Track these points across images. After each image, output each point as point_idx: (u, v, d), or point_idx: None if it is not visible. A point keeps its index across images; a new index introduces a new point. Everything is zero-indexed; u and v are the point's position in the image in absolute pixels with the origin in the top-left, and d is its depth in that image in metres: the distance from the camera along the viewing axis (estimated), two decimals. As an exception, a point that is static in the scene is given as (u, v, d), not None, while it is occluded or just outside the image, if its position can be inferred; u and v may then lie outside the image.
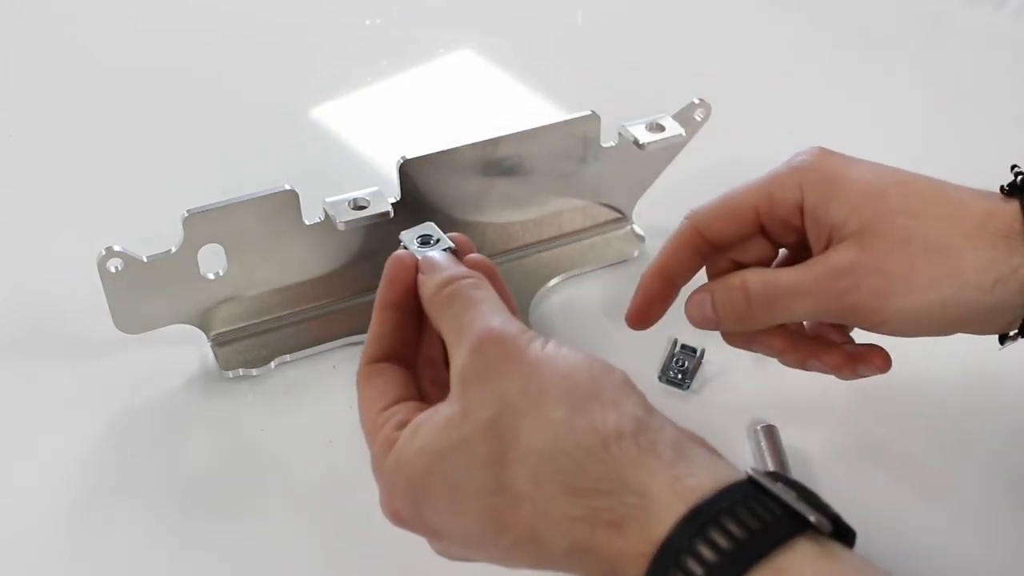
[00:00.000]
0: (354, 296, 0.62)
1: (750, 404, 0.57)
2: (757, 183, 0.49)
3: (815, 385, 0.59)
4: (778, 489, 0.36)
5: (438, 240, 0.47)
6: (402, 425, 0.41)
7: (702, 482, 0.36)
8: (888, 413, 0.57)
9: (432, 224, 0.48)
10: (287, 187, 0.55)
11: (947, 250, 0.44)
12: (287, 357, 0.59)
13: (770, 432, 0.55)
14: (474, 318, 0.41)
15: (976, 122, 0.79)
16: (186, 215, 0.53)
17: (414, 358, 0.46)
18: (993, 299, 0.44)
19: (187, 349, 0.59)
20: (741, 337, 0.52)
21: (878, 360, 0.50)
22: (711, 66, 0.86)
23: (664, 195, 0.67)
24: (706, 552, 0.34)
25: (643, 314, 0.52)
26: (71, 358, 0.60)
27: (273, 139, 0.78)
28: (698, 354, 0.59)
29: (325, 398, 0.58)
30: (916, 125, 0.79)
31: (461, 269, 0.44)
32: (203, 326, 0.59)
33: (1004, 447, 0.55)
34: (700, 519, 0.34)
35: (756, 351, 0.52)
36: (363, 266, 0.61)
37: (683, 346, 0.59)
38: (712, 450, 0.40)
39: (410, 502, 0.40)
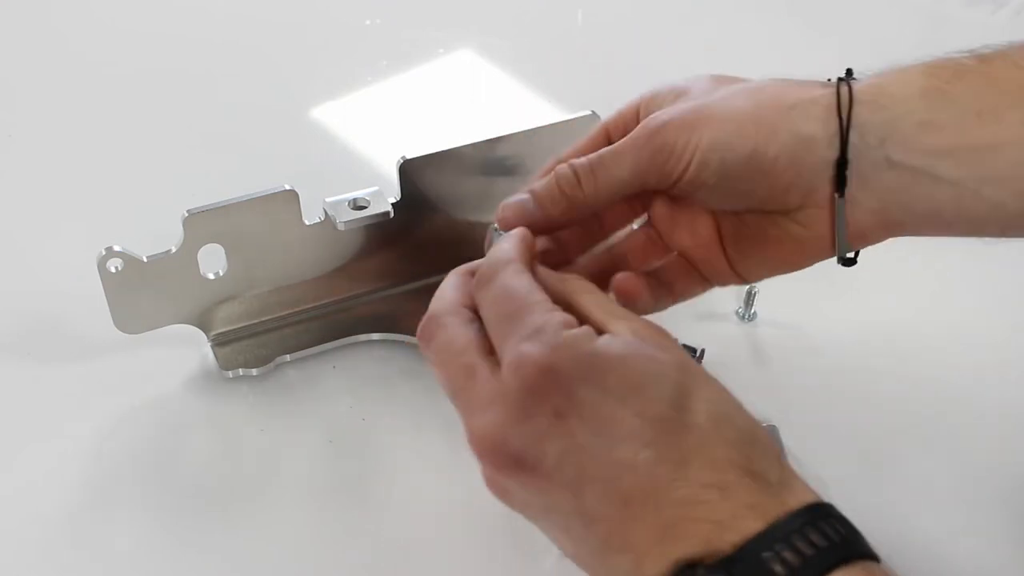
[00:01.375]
0: (354, 296, 0.62)
1: (750, 404, 0.57)
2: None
3: (815, 385, 0.59)
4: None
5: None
6: (570, 324, 0.39)
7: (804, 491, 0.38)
8: (888, 413, 0.57)
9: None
10: (287, 187, 0.55)
11: (752, 86, 0.49)
12: (287, 357, 0.59)
13: (770, 432, 0.55)
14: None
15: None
16: (186, 215, 0.53)
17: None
18: (791, 122, 0.46)
19: (187, 349, 0.59)
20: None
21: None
22: (711, 66, 0.85)
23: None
24: (815, 537, 0.35)
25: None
26: (71, 358, 0.60)
27: (273, 139, 0.78)
28: (698, 354, 0.59)
29: (325, 398, 0.58)
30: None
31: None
32: (203, 326, 0.59)
33: (1006, 448, 0.55)
34: (817, 514, 0.36)
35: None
36: (363, 266, 0.61)
37: (683, 346, 0.59)
38: None
39: (577, 371, 0.38)
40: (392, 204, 0.57)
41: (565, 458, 0.38)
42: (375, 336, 0.60)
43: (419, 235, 0.61)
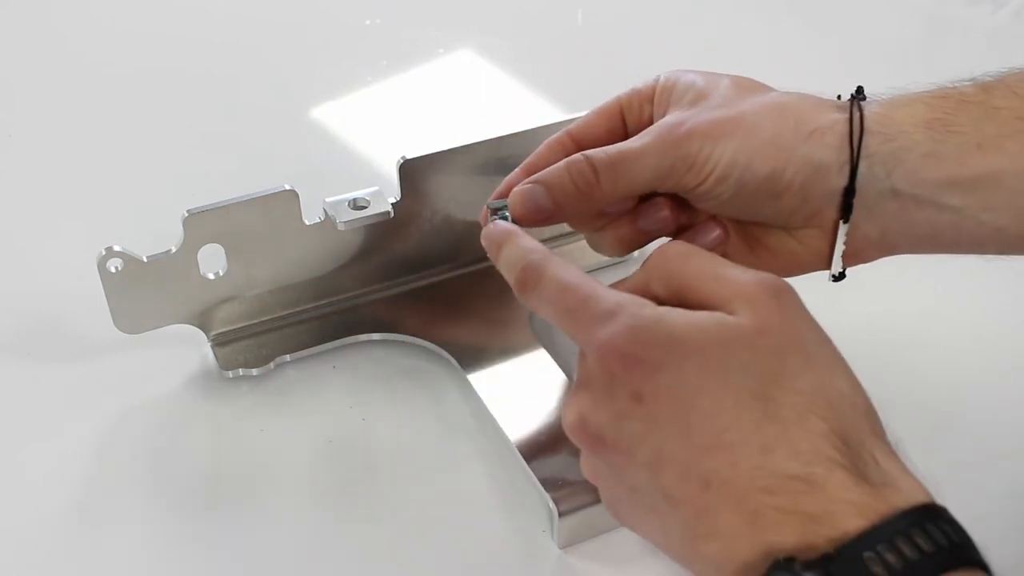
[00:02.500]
0: (354, 296, 0.62)
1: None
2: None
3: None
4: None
5: None
6: (640, 305, 0.39)
7: (916, 489, 0.37)
8: (888, 413, 0.57)
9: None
10: (287, 187, 0.55)
11: (774, 103, 0.48)
12: (287, 357, 0.59)
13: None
14: (728, 270, 0.40)
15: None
16: (186, 215, 0.53)
17: None
18: (809, 148, 0.46)
19: (187, 349, 0.59)
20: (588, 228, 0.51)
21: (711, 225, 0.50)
22: (711, 66, 0.85)
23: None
24: (921, 542, 0.34)
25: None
26: (71, 358, 0.60)
27: (273, 139, 0.78)
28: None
29: (325, 398, 0.58)
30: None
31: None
32: (203, 326, 0.59)
33: (1008, 447, 0.55)
34: (924, 515, 0.35)
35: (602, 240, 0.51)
36: (363, 266, 0.61)
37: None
38: None
39: (656, 353, 0.37)
40: (392, 204, 0.57)
41: (644, 438, 0.38)
42: (375, 336, 0.60)
43: (419, 235, 0.61)
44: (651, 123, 0.50)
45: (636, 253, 0.67)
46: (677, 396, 0.37)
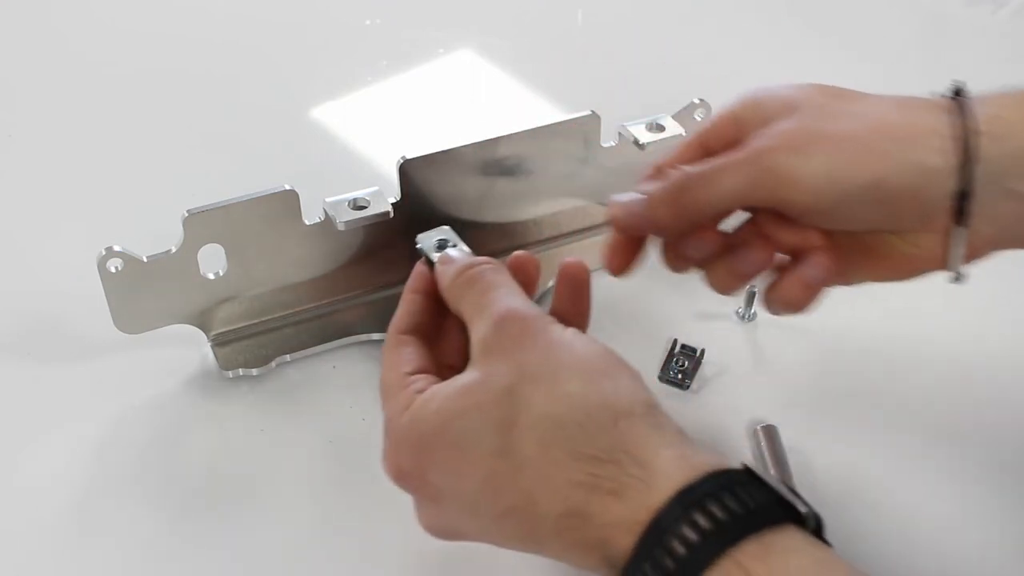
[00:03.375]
0: (354, 296, 0.62)
1: (750, 404, 0.57)
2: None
3: (815, 385, 0.59)
4: (772, 481, 0.38)
5: (455, 244, 0.50)
6: (421, 392, 0.43)
7: (703, 461, 0.38)
8: (889, 413, 0.57)
9: (448, 228, 0.51)
10: (287, 187, 0.55)
11: (867, 113, 0.47)
12: (287, 357, 0.59)
13: (770, 432, 0.54)
14: (495, 298, 0.44)
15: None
16: (186, 215, 0.53)
17: (436, 341, 0.48)
18: (915, 152, 0.45)
19: (187, 349, 0.59)
20: (674, 247, 0.51)
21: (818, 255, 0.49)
22: (711, 66, 0.86)
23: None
24: (701, 520, 0.36)
25: (616, 261, 0.52)
26: (71, 358, 0.60)
27: (273, 139, 0.78)
28: (698, 354, 0.59)
29: (325, 398, 0.58)
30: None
31: (479, 258, 0.47)
32: (203, 326, 0.59)
33: (1009, 446, 0.55)
34: (699, 491, 0.36)
35: (689, 263, 0.51)
36: (363, 266, 0.61)
37: (683, 346, 0.59)
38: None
39: (415, 459, 0.42)
40: (392, 204, 0.57)
41: (447, 517, 0.43)
42: (375, 336, 0.60)
43: (419, 234, 0.61)
44: (735, 143, 0.50)
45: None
46: (447, 489, 0.41)
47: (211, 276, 0.57)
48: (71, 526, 0.52)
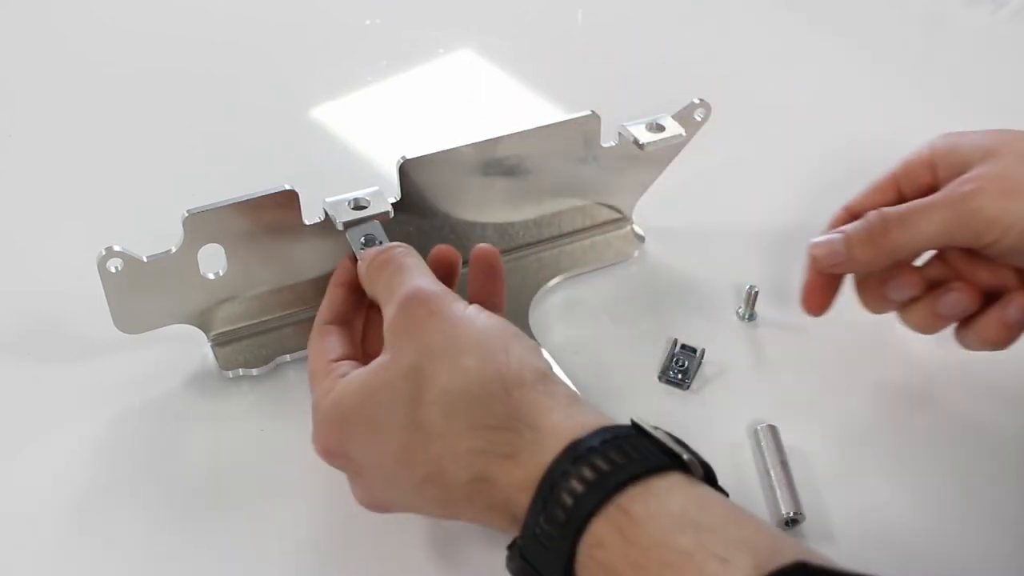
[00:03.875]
0: (354, 296, 0.62)
1: (750, 404, 0.57)
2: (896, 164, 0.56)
3: (815, 385, 0.59)
4: (658, 434, 0.40)
5: (380, 242, 0.52)
6: (344, 376, 0.46)
7: (591, 421, 0.41)
8: (889, 413, 0.57)
9: (378, 224, 0.54)
10: (287, 187, 0.55)
11: None
12: (287, 357, 0.59)
13: (770, 432, 0.55)
14: (403, 280, 0.47)
15: (976, 122, 0.79)
16: (186, 215, 0.53)
17: (359, 328, 0.52)
18: None
19: (187, 349, 0.59)
20: (876, 287, 0.54)
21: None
22: (711, 66, 0.86)
23: (664, 195, 0.67)
24: (587, 472, 0.38)
25: (815, 300, 0.56)
26: (71, 358, 0.60)
27: (273, 139, 0.78)
28: (698, 354, 0.59)
29: (325, 398, 0.58)
30: (916, 125, 0.79)
31: (392, 243, 0.51)
32: (203, 326, 0.59)
33: (1010, 445, 0.55)
34: (584, 446, 0.39)
35: (890, 305, 0.54)
36: (363, 266, 0.61)
37: (683, 346, 0.59)
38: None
39: (339, 437, 0.45)
40: (392, 204, 0.57)
41: (376, 484, 0.46)
42: (375, 336, 0.60)
43: (419, 235, 0.61)
44: (930, 187, 0.53)
45: (636, 252, 0.67)
46: (368, 464, 0.45)
47: (211, 276, 0.57)
48: (71, 526, 0.52)
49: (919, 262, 0.55)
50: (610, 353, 0.60)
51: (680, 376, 0.58)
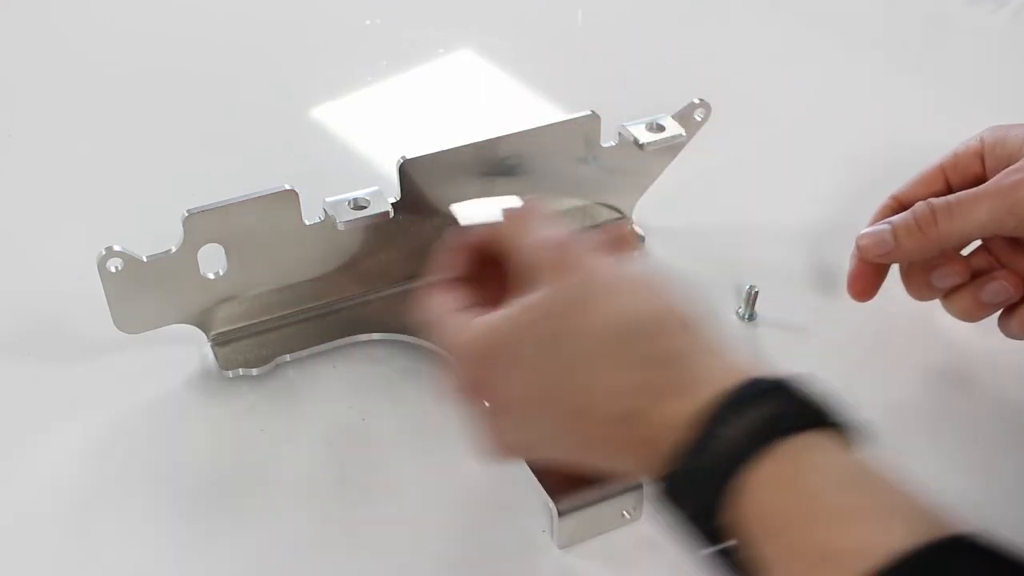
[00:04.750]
0: (354, 296, 0.62)
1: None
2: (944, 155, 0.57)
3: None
4: (824, 393, 0.39)
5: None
6: (477, 318, 0.44)
7: (756, 368, 0.40)
8: (889, 413, 0.57)
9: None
10: (287, 187, 0.55)
11: None
12: (287, 357, 0.59)
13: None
14: (554, 226, 0.45)
15: (976, 122, 0.79)
16: (186, 215, 0.53)
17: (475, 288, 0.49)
18: None
19: (187, 349, 0.59)
20: (921, 275, 0.55)
21: None
22: (711, 66, 0.86)
23: (664, 195, 0.67)
24: (753, 414, 0.37)
25: (861, 287, 0.57)
26: (71, 358, 0.60)
27: (273, 139, 0.78)
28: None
29: (325, 398, 0.58)
30: (917, 125, 0.79)
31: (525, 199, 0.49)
32: (203, 326, 0.59)
33: (1010, 446, 0.55)
34: (755, 388, 0.38)
35: (935, 292, 0.56)
36: (363, 266, 0.61)
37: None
38: None
39: (485, 371, 0.43)
40: (392, 204, 0.57)
41: (517, 422, 0.44)
42: (375, 336, 0.60)
43: (419, 235, 0.61)
44: (978, 179, 0.54)
45: (636, 252, 0.67)
46: (513, 399, 0.43)
47: (211, 276, 0.57)
48: (71, 525, 0.52)
49: (965, 251, 0.56)
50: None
51: (680, 376, 0.58)
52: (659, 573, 0.49)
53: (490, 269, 0.48)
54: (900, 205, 0.56)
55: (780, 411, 0.37)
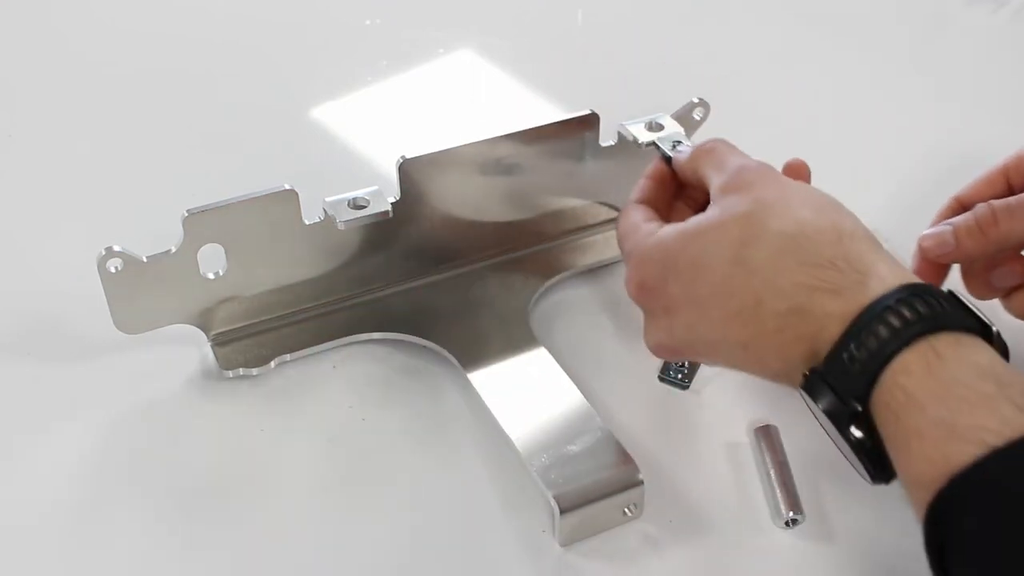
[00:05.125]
0: (354, 296, 0.62)
1: (750, 404, 0.57)
2: (1009, 155, 0.57)
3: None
4: (973, 307, 0.44)
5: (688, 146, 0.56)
6: (651, 233, 0.49)
7: (913, 279, 0.43)
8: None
9: (682, 132, 0.59)
10: (287, 187, 0.55)
11: None
12: (287, 357, 0.59)
13: (770, 432, 0.55)
14: (733, 158, 0.50)
15: (976, 122, 0.79)
16: (186, 215, 0.53)
17: (665, 216, 0.54)
18: None
19: (187, 349, 0.59)
20: (981, 274, 0.56)
21: None
22: (711, 66, 0.86)
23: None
24: (905, 311, 0.41)
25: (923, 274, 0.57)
26: (71, 358, 0.60)
27: (273, 139, 0.78)
28: (698, 354, 0.59)
29: (325, 398, 0.58)
30: (917, 125, 0.79)
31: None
32: (203, 326, 0.59)
33: None
34: (908, 290, 0.42)
35: (995, 292, 0.56)
36: (363, 265, 0.61)
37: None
38: None
39: (660, 272, 0.48)
40: (391, 203, 0.57)
41: (682, 325, 0.48)
42: (375, 335, 0.60)
43: (418, 234, 0.61)
44: None
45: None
46: (684, 296, 0.47)
47: (211, 276, 0.57)
48: (71, 526, 0.52)
49: None
50: (609, 352, 0.60)
51: (680, 376, 0.58)
52: (660, 571, 0.50)
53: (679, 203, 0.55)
54: (961, 207, 0.57)
55: (930, 312, 0.41)
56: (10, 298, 0.64)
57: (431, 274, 0.63)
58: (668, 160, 0.56)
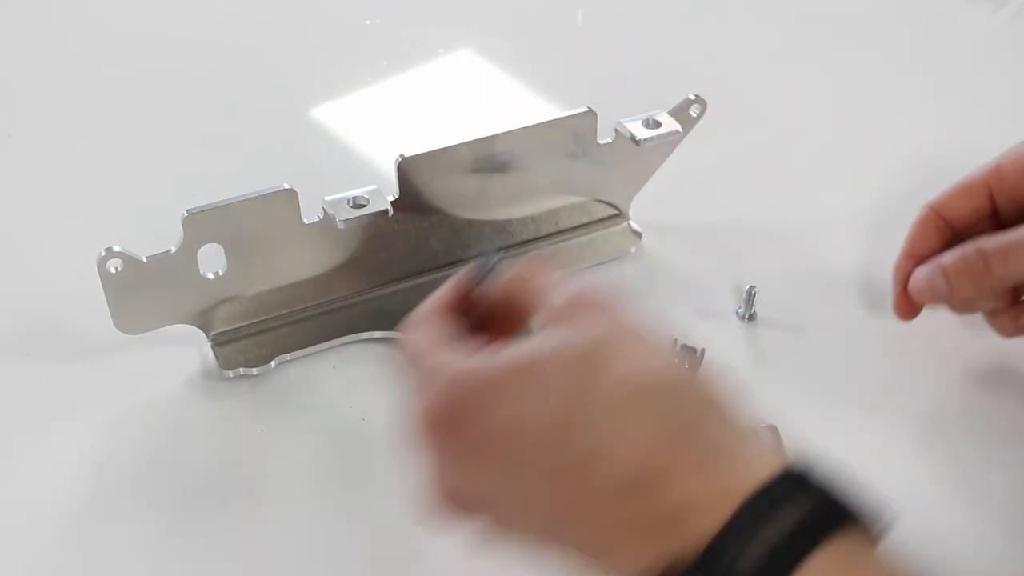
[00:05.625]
0: (354, 295, 0.62)
1: (750, 404, 0.57)
2: (986, 164, 0.54)
3: (815, 385, 0.59)
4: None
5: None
6: (469, 353, 0.40)
7: (784, 454, 0.37)
8: (890, 413, 0.57)
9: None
10: (287, 186, 0.55)
11: None
12: (287, 357, 0.59)
13: (770, 432, 0.54)
14: (567, 281, 0.42)
15: (976, 122, 0.79)
16: (186, 215, 0.53)
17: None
18: None
19: (187, 349, 0.59)
20: (1008, 311, 0.55)
21: None
22: (711, 66, 0.86)
23: (661, 192, 0.67)
24: (804, 502, 0.34)
25: (908, 309, 0.56)
26: (71, 358, 0.60)
27: (273, 139, 0.78)
28: (698, 354, 0.59)
29: (325, 398, 0.58)
30: (916, 125, 0.79)
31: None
32: (203, 326, 0.59)
33: (1010, 446, 0.55)
34: (804, 473, 0.35)
35: (975, 310, 0.55)
36: (363, 265, 0.61)
37: (683, 346, 0.59)
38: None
39: (477, 400, 0.38)
40: (391, 202, 0.57)
41: (499, 485, 0.39)
42: (376, 335, 0.60)
43: (418, 233, 0.61)
44: None
45: (633, 248, 0.67)
46: (503, 431, 0.37)
47: (211, 276, 0.57)
48: (71, 526, 0.52)
49: None
50: (610, 352, 0.60)
51: (680, 375, 0.58)
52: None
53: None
54: (939, 217, 0.55)
55: (820, 509, 0.34)
56: (10, 298, 0.64)
57: (431, 272, 0.63)
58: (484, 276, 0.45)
